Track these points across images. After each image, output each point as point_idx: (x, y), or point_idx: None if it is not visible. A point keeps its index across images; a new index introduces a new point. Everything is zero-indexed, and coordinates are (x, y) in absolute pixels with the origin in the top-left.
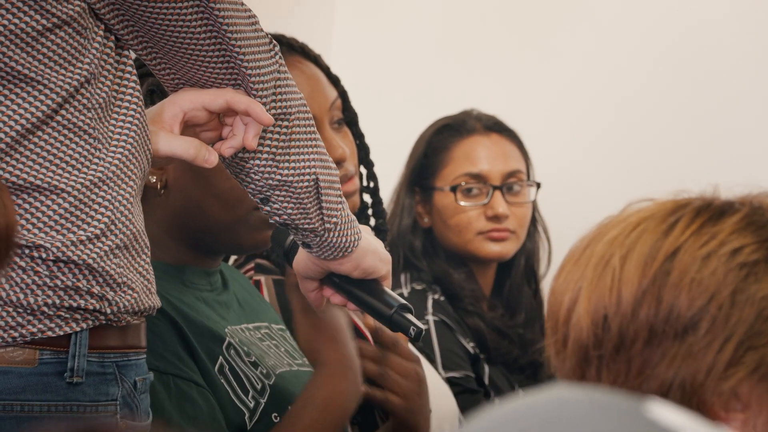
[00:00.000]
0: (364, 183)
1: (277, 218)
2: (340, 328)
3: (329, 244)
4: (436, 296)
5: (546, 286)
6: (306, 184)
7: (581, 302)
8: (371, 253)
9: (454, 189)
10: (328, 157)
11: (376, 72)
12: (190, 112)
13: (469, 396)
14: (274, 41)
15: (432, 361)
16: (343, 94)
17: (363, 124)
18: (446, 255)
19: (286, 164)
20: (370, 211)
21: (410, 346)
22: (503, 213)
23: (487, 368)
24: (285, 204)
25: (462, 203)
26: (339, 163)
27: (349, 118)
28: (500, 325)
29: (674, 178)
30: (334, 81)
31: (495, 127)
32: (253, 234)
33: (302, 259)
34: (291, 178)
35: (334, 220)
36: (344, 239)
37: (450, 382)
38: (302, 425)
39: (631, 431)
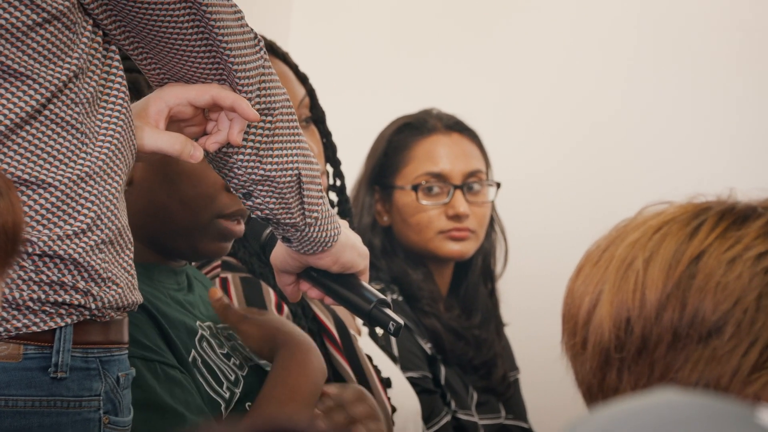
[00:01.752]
0: (331, 181)
1: (258, 213)
2: (282, 320)
3: (309, 239)
4: (395, 296)
5: (502, 285)
6: (288, 179)
7: (603, 305)
8: (350, 248)
9: (415, 188)
10: (309, 152)
11: (332, 69)
12: (175, 107)
13: (426, 396)
14: (259, 37)
15: (395, 360)
16: (311, 92)
17: None
18: (405, 254)
19: (270, 159)
20: (336, 210)
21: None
22: (464, 212)
23: (443, 369)
24: (267, 199)
25: (423, 202)
26: None
27: (316, 116)
28: (456, 326)
29: (633, 177)
30: (302, 79)
31: (456, 126)
32: (210, 243)
33: (280, 253)
34: (274, 173)
35: (315, 215)
36: (324, 234)
37: (408, 382)
38: (277, 401)
39: None
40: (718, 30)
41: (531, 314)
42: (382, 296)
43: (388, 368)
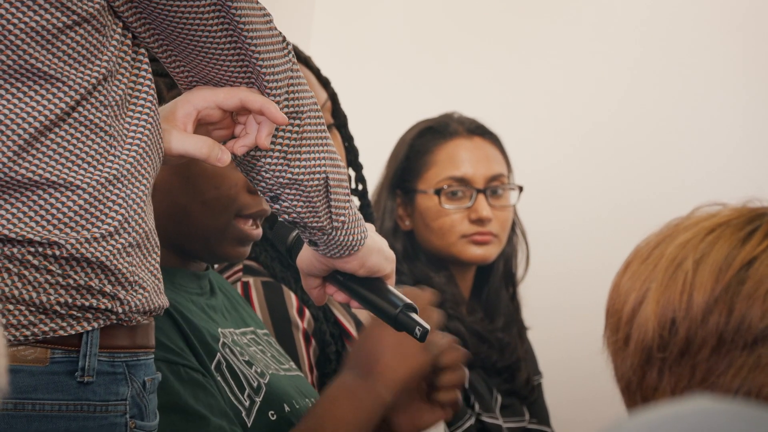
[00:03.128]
0: (353, 185)
1: (286, 216)
2: (392, 340)
3: (336, 243)
4: None
5: (523, 289)
6: (316, 182)
7: (649, 303)
8: (377, 252)
9: (437, 192)
10: (337, 156)
11: (354, 74)
12: (203, 110)
13: None
14: (287, 40)
15: None
16: (333, 97)
17: None
18: (427, 258)
19: (297, 163)
20: None
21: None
22: (487, 216)
23: (467, 372)
24: (295, 202)
25: (446, 206)
26: None
27: (338, 120)
28: (480, 329)
29: (655, 182)
30: (324, 83)
31: (477, 130)
32: (228, 247)
33: (306, 256)
34: (301, 177)
35: (342, 218)
36: (351, 237)
37: None
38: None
39: None
40: (735, 24)
41: (550, 318)
42: (408, 301)
43: None
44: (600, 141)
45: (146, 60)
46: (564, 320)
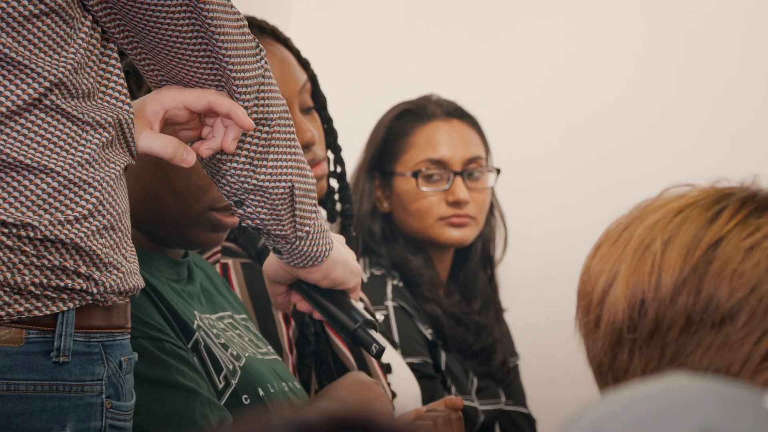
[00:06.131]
0: (331, 168)
1: (249, 222)
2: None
3: (300, 252)
4: (396, 282)
5: (502, 271)
6: (281, 190)
7: (618, 284)
8: (341, 265)
9: (415, 174)
10: (306, 166)
11: (333, 55)
12: (171, 110)
13: (427, 381)
14: (261, 46)
15: (395, 346)
16: (312, 78)
17: None
18: (405, 240)
19: (263, 170)
20: (336, 196)
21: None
22: (464, 199)
23: (443, 354)
24: (259, 209)
25: (423, 189)
26: (307, 146)
27: (317, 102)
28: (456, 312)
29: (632, 165)
30: (304, 64)
31: (456, 113)
32: (202, 234)
33: (272, 263)
34: (267, 184)
35: (307, 228)
36: (315, 248)
37: (408, 367)
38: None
39: (753, 422)
40: (722, 17)
41: (528, 299)
42: (369, 317)
43: (389, 354)
44: (578, 123)
45: (115, 55)
46: (541, 302)
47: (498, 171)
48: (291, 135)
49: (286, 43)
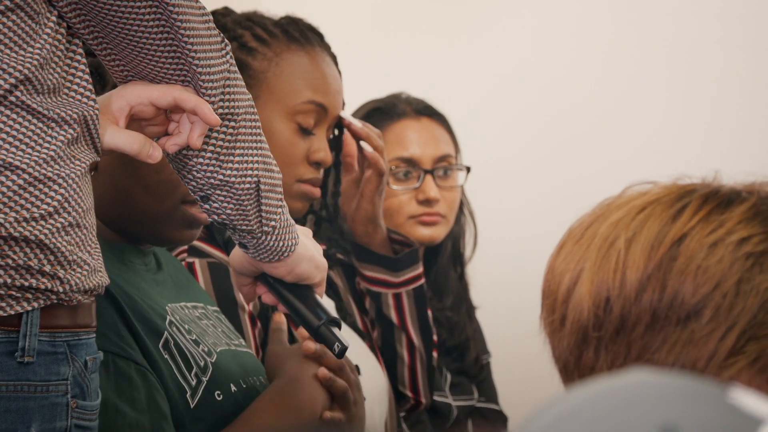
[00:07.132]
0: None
1: (215, 217)
2: (289, 353)
3: (265, 247)
4: None
5: (472, 269)
6: (247, 186)
7: (583, 283)
8: (307, 260)
9: None
10: (272, 161)
11: None
12: (137, 106)
13: None
14: (227, 41)
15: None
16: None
17: None
18: None
19: (230, 165)
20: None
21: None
22: (434, 197)
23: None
24: (225, 204)
25: (393, 187)
26: (318, 164)
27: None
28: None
29: (603, 164)
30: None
31: (425, 111)
32: (175, 230)
33: (237, 255)
34: (233, 179)
35: (273, 223)
36: (281, 243)
37: (378, 362)
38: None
39: (715, 417)
40: (693, 13)
41: (499, 297)
42: (333, 315)
43: (356, 351)
44: (546, 122)
45: (81, 51)
46: (512, 300)
47: (468, 169)
48: (257, 130)
49: (334, 58)
